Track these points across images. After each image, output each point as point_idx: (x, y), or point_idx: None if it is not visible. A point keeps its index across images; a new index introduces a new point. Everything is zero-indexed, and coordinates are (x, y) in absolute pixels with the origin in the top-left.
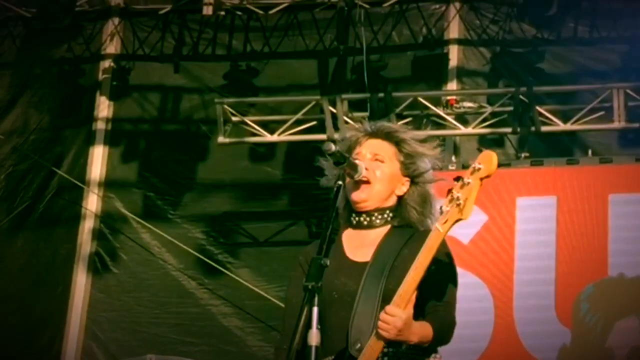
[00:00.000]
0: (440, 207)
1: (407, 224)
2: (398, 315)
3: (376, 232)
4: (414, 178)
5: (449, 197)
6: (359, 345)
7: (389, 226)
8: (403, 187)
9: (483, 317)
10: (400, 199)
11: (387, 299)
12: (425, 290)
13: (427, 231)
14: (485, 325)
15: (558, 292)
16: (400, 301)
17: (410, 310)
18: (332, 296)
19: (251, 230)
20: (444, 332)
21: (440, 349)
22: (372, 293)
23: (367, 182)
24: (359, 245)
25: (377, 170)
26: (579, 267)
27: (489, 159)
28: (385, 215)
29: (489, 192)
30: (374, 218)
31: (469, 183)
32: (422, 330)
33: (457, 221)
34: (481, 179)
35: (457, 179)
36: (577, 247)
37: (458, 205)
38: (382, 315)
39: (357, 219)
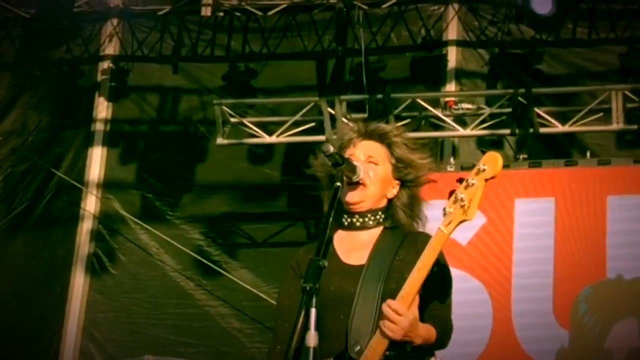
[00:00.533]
0: (444, 209)
1: (398, 226)
2: (405, 314)
3: (369, 234)
4: (405, 182)
5: (453, 198)
6: (358, 347)
7: (381, 227)
8: (393, 189)
9: (481, 317)
10: (390, 201)
11: (386, 300)
12: (425, 292)
13: (419, 233)
14: (484, 326)
15: (556, 294)
16: (404, 302)
17: (415, 310)
18: (328, 299)
19: (249, 232)
20: (445, 335)
21: (438, 350)
22: (370, 295)
23: (362, 184)
24: (352, 247)
25: (371, 172)
26: (577, 269)
27: (493, 160)
28: (378, 217)
29: (488, 193)
30: (366, 219)
31: (473, 184)
32: (426, 333)
33: (461, 222)
34: (486, 180)
35: (460, 180)
36: (576, 248)
37: (462, 206)
38: (390, 313)
39: (349, 219)
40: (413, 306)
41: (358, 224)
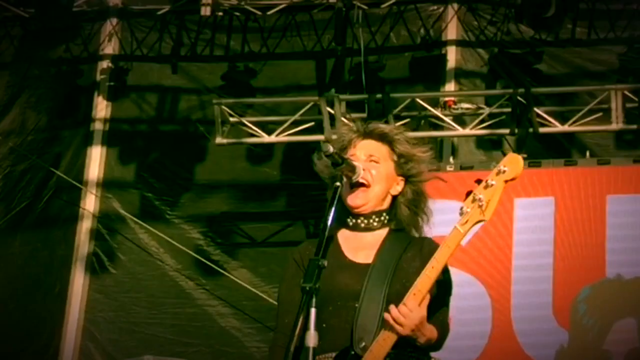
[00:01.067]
0: (461, 208)
1: (403, 228)
2: (416, 311)
3: (374, 235)
4: (409, 177)
5: (471, 198)
6: (363, 344)
7: (386, 229)
8: (398, 186)
9: (481, 318)
10: (394, 198)
11: (391, 300)
12: (432, 292)
13: (424, 238)
14: (483, 327)
15: (556, 294)
16: (416, 298)
17: (425, 308)
18: (332, 296)
19: (249, 231)
20: (444, 337)
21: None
22: (376, 294)
23: (365, 185)
24: (358, 247)
25: (373, 170)
26: (577, 268)
27: (515, 161)
28: (382, 218)
29: None
30: (371, 221)
31: (492, 185)
32: (430, 332)
33: (478, 222)
34: (506, 181)
35: (478, 181)
36: (575, 248)
37: (480, 206)
38: (402, 308)
39: (354, 221)
40: (424, 303)
41: (363, 225)
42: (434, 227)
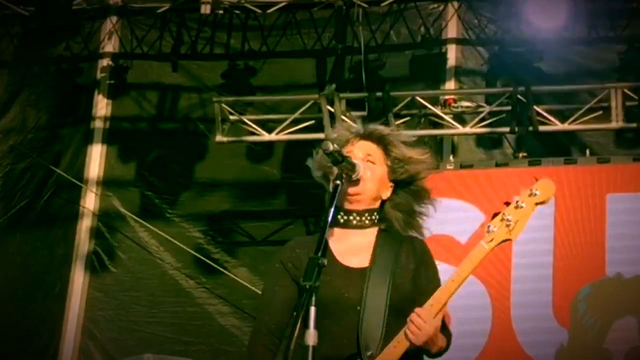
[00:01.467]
0: (488, 226)
1: (394, 229)
2: (430, 322)
3: (364, 235)
4: (400, 182)
5: (499, 217)
6: (370, 352)
7: (376, 229)
8: (387, 192)
9: (480, 317)
10: (383, 203)
11: (394, 305)
12: None
13: (414, 238)
14: (483, 326)
15: (555, 292)
16: (434, 309)
17: (440, 320)
18: (328, 306)
19: (249, 229)
20: (449, 343)
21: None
22: (378, 300)
23: (362, 179)
24: (350, 250)
25: (369, 171)
26: (577, 267)
27: (548, 187)
28: (373, 217)
29: (487, 192)
30: (364, 218)
31: (522, 207)
32: (442, 341)
33: (504, 241)
34: (536, 204)
35: (507, 203)
36: (575, 246)
37: (508, 225)
38: (416, 319)
39: (346, 217)
40: (439, 315)
41: (355, 222)
42: (435, 226)
